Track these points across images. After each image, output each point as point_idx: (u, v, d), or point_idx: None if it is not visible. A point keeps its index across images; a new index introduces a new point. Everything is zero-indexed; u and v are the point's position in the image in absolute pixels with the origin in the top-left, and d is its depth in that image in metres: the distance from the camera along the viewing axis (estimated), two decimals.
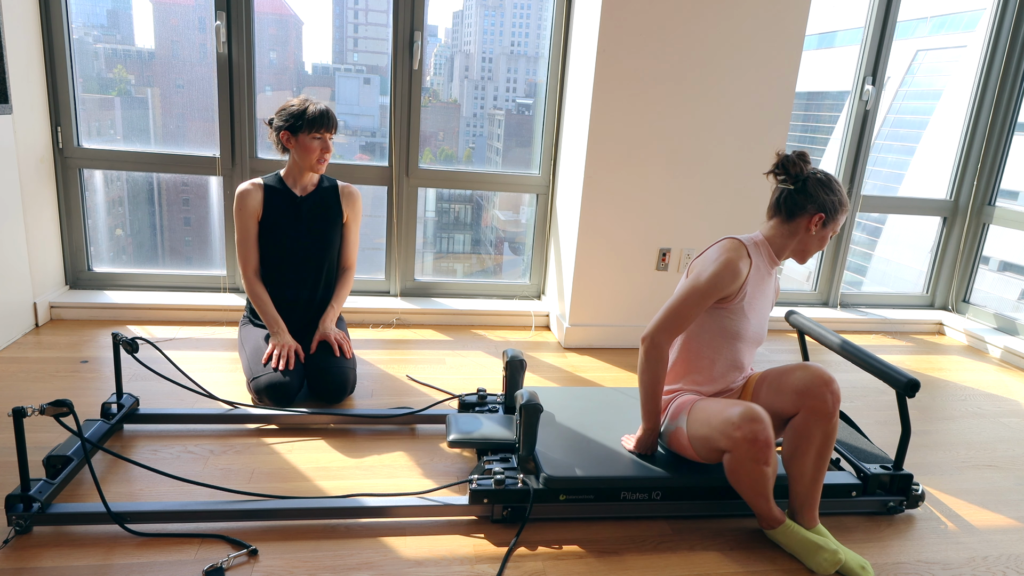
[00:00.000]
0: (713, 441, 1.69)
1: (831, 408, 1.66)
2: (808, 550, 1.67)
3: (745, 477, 1.65)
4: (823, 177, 1.79)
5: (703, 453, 1.77)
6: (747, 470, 1.63)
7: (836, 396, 1.67)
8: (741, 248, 1.80)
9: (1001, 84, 3.58)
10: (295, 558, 1.56)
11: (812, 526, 1.73)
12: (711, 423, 1.70)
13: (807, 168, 1.80)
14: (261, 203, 2.38)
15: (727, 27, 2.80)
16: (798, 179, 1.79)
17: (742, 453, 1.62)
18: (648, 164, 2.91)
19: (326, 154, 2.35)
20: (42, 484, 1.62)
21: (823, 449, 1.70)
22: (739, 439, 1.61)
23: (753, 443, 1.60)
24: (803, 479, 1.71)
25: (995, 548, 1.82)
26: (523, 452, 1.79)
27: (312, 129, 2.29)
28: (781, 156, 1.80)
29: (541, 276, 3.49)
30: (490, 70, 3.41)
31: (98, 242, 3.14)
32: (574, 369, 2.83)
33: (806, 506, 1.73)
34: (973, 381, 3.06)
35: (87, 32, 2.93)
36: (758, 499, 1.68)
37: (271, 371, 2.23)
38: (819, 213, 1.77)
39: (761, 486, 1.65)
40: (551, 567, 1.60)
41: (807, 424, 1.68)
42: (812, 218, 1.78)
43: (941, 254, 3.88)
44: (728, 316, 1.81)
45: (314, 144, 2.32)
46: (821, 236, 1.81)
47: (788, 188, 1.80)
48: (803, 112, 3.83)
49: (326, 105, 2.33)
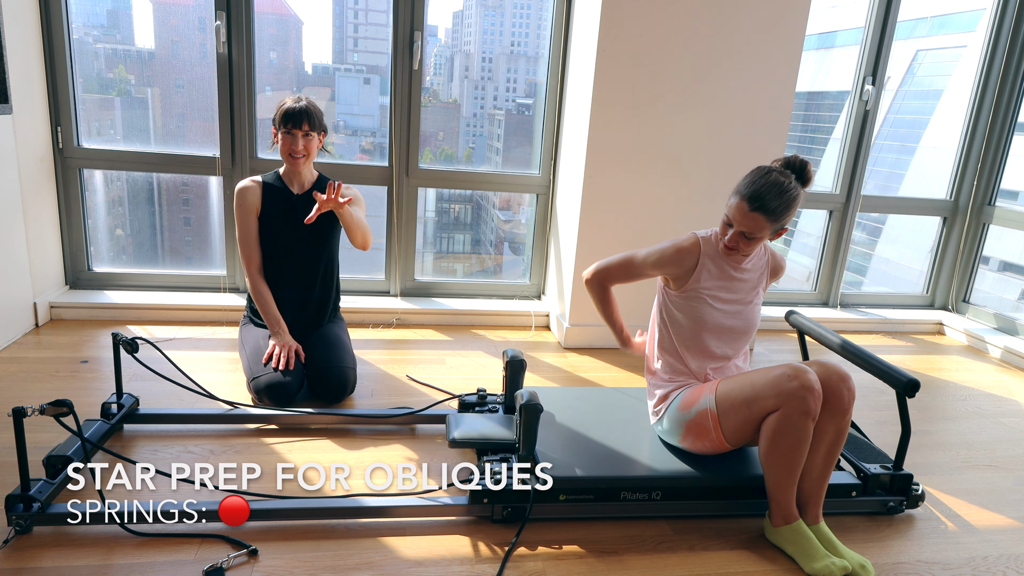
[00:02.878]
0: (759, 403, 1.69)
1: (847, 404, 1.70)
2: (811, 555, 1.65)
3: (790, 438, 1.64)
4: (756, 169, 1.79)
5: (735, 428, 1.75)
6: (795, 427, 1.63)
7: (852, 393, 1.71)
8: (694, 241, 1.89)
9: (1001, 84, 3.58)
10: (295, 558, 1.56)
11: (816, 523, 1.73)
12: (755, 386, 1.71)
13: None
14: (260, 200, 2.38)
15: (727, 27, 2.80)
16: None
17: (795, 405, 1.62)
18: (648, 164, 2.91)
19: (296, 147, 2.32)
20: (42, 484, 1.62)
21: (834, 445, 1.72)
22: (795, 388, 1.63)
23: (810, 391, 1.63)
24: (811, 474, 1.72)
25: (995, 548, 1.82)
26: (523, 452, 1.79)
27: (283, 125, 2.30)
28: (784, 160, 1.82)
29: (541, 276, 3.49)
30: (490, 70, 3.41)
31: (98, 242, 3.14)
32: (574, 369, 2.83)
33: (811, 502, 1.73)
34: (973, 381, 3.06)
35: (87, 32, 2.93)
36: (790, 476, 1.67)
37: (271, 371, 2.22)
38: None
39: (800, 454, 1.65)
40: (551, 567, 1.60)
41: (822, 419, 1.70)
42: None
43: (941, 254, 3.88)
44: (687, 304, 1.88)
45: (287, 139, 2.32)
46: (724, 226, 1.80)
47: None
48: (803, 112, 3.83)
49: (307, 103, 2.31)
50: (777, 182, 1.72)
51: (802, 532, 1.69)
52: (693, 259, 1.87)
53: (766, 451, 1.69)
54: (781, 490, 1.69)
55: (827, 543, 1.69)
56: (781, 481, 1.69)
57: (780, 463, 1.67)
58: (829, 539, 1.69)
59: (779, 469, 1.68)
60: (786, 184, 1.73)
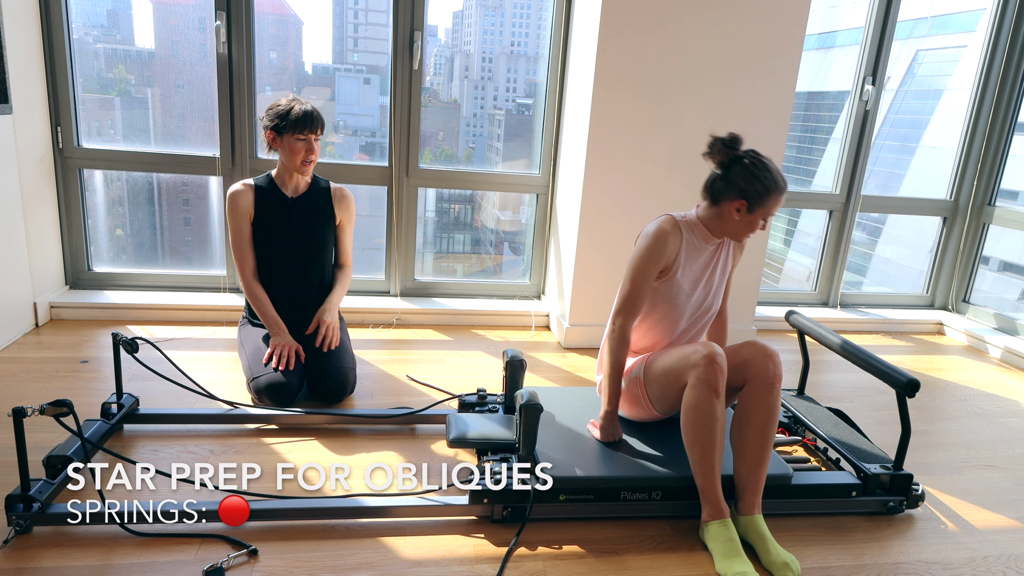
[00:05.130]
0: (674, 374, 1.76)
1: (772, 377, 1.74)
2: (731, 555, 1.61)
3: (695, 411, 1.68)
4: (750, 162, 1.78)
5: (659, 397, 1.86)
6: (699, 399, 1.68)
7: (777, 368, 1.75)
8: (673, 223, 1.89)
9: (1001, 84, 3.58)
10: (295, 558, 1.56)
11: (750, 513, 1.71)
12: (672, 358, 1.80)
13: (730, 152, 1.80)
14: (252, 204, 2.36)
15: (727, 27, 2.80)
16: (723, 164, 1.82)
17: (698, 375, 1.68)
18: (648, 164, 2.91)
19: (311, 155, 2.30)
20: (42, 484, 1.62)
21: (766, 424, 1.73)
22: (697, 359, 1.69)
23: (711, 362, 1.68)
24: (747, 457, 1.73)
25: (995, 548, 1.82)
26: (523, 452, 1.79)
27: (296, 130, 2.25)
28: (711, 138, 1.82)
29: (541, 276, 3.49)
30: (490, 70, 3.41)
31: (98, 242, 3.14)
32: (574, 369, 2.83)
33: (748, 489, 1.72)
34: (973, 381, 3.06)
35: (87, 32, 2.93)
36: (705, 457, 1.67)
37: (271, 371, 2.22)
38: (740, 200, 1.79)
39: (708, 431, 1.67)
40: (551, 567, 1.60)
41: (750, 395, 1.75)
42: (732, 204, 1.81)
43: (941, 254, 3.88)
44: (661, 288, 1.91)
45: (298, 145, 2.28)
46: (748, 221, 1.82)
47: (715, 172, 1.85)
48: (803, 112, 3.83)
49: (312, 105, 2.28)
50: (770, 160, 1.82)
51: (725, 531, 1.66)
52: (677, 239, 1.89)
53: (683, 429, 1.74)
54: (701, 473, 1.70)
55: (759, 539, 1.67)
56: (698, 462, 1.70)
57: (692, 440, 1.70)
58: (761, 534, 1.67)
59: (693, 447, 1.70)
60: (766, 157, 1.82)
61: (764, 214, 1.81)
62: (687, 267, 1.91)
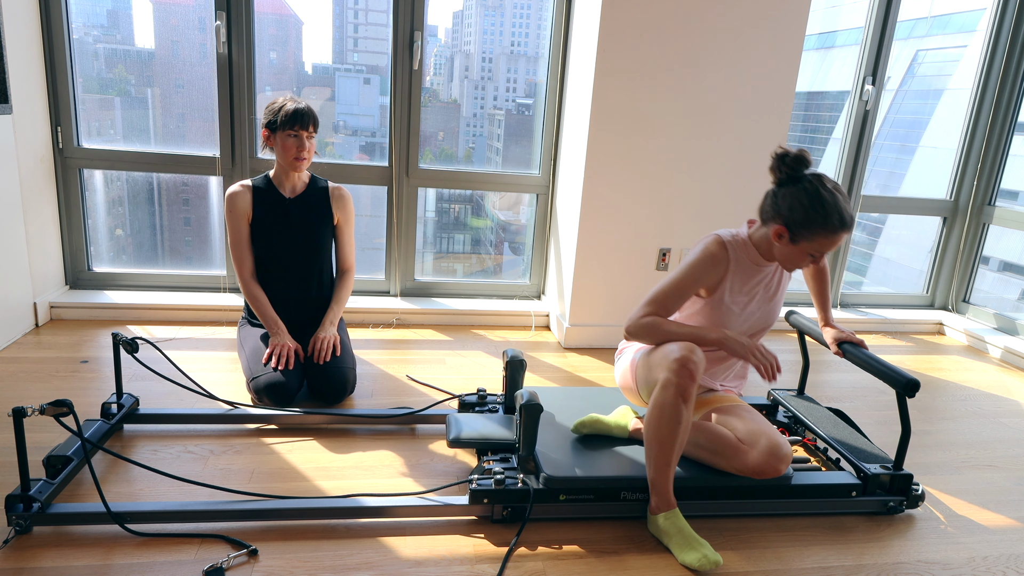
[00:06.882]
0: (655, 368, 1.74)
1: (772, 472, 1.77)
2: (688, 543, 1.64)
3: (658, 408, 1.66)
4: (806, 188, 1.62)
5: (643, 384, 1.85)
6: (663, 397, 1.65)
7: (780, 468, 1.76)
8: (720, 246, 1.78)
9: (1001, 84, 3.58)
10: (295, 558, 1.56)
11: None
12: (657, 353, 1.76)
13: (789, 172, 1.67)
14: (250, 205, 2.37)
15: (727, 27, 2.80)
16: (779, 183, 1.69)
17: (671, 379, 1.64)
18: (648, 164, 2.91)
19: (302, 152, 2.30)
20: (42, 484, 1.62)
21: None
22: (671, 362, 1.65)
23: (683, 367, 1.63)
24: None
25: (995, 548, 1.82)
26: (523, 452, 1.79)
27: (287, 127, 2.26)
28: (778, 150, 1.69)
29: (541, 276, 3.49)
30: (490, 70, 3.41)
31: (98, 242, 3.14)
32: (574, 369, 2.83)
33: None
34: (973, 381, 3.06)
35: (87, 32, 2.92)
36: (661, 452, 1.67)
37: (270, 371, 2.22)
38: (781, 226, 1.66)
39: (667, 430, 1.65)
40: (551, 567, 1.60)
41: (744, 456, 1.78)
42: (774, 229, 1.69)
43: (941, 254, 3.88)
44: (709, 308, 1.83)
45: (290, 142, 2.29)
46: (791, 253, 1.69)
47: (771, 190, 1.73)
48: (803, 112, 3.83)
49: (306, 103, 2.29)
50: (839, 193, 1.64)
51: (676, 522, 1.68)
52: (724, 266, 1.78)
53: (645, 425, 1.72)
54: (655, 468, 1.69)
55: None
56: (655, 458, 1.68)
57: (652, 437, 1.68)
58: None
59: (651, 443, 1.69)
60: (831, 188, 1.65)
61: (811, 249, 1.66)
62: (736, 290, 1.81)
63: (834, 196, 1.62)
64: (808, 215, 1.61)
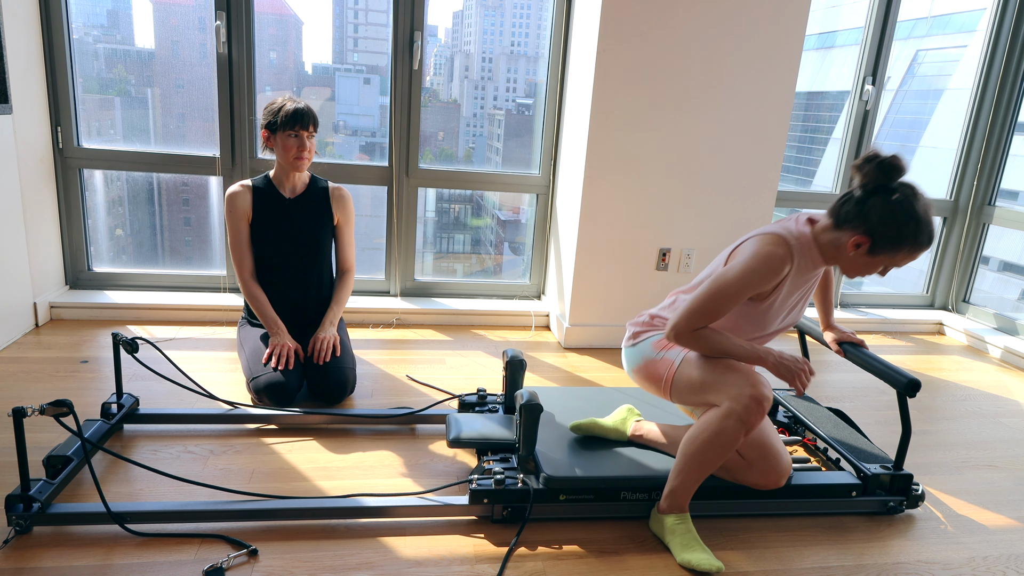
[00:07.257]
0: (712, 393, 1.65)
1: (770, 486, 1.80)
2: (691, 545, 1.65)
3: (718, 439, 1.61)
4: (898, 199, 1.50)
5: (681, 394, 1.76)
6: (727, 430, 1.60)
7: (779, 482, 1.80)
8: (786, 247, 1.62)
9: (1001, 84, 3.58)
10: (295, 558, 1.56)
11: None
12: (716, 375, 1.65)
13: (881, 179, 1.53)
14: (250, 205, 2.37)
15: (727, 27, 2.80)
16: (865, 187, 1.56)
17: (740, 414, 1.58)
18: (648, 164, 2.91)
19: (303, 152, 2.30)
20: (42, 484, 1.62)
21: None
22: (746, 396, 1.58)
23: (759, 406, 1.58)
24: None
25: (995, 548, 1.82)
26: (523, 452, 1.79)
27: (287, 127, 2.26)
28: (871, 152, 1.54)
29: (541, 276, 3.49)
30: (490, 70, 3.41)
31: (98, 242, 3.14)
32: (574, 369, 2.83)
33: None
34: (973, 381, 3.06)
35: (87, 32, 2.92)
36: (701, 473, 1.66)
37: (270, 371, 2.22)
38: (864, 236, 1.55)
39: (720, 459, 1.64)
40: (551, 567, 1.60)
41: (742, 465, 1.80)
42: (854, 237, 1.57)
43: (941, 254, 3.88)
44: (754, 309, 1.73)
45: (290, 142, 2.29)
46: (866, 263, 1.59)
47: (853, 192, 1.59)
48: (803, 112, 3.83)
49: (306, 103, 2.29)
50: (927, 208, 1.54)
51: (684, 525, 1.68)
52: (787, 270, 1.64)
53: (691, 439, 1.66)
54: (682, 481, 1.68)
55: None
56: (690, 472, 1.66)
57: (699, 456, 1.64)
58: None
59: (695, 461, 1.65)
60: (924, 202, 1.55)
61: (888, 263, 1.58)
62: (788, 293, 1.71)
63: (927, 212, 1.53)
64: (901, 232, 1.52)
